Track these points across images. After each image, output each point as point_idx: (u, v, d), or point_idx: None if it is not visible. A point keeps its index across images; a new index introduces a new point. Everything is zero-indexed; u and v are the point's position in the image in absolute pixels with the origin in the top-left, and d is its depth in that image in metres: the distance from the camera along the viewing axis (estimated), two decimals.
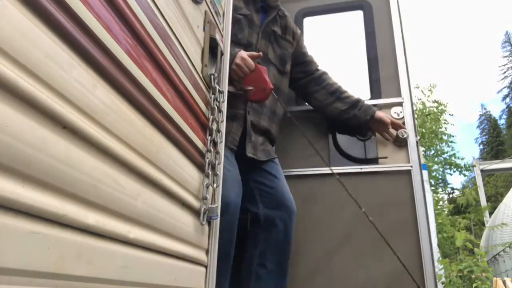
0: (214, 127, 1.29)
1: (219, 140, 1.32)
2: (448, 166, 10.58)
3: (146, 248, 0.85)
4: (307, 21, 2.33)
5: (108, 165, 0.72)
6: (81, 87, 0.65)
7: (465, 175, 10.83)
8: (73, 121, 0.62)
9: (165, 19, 1.00)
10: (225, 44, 1.48)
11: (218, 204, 1.28)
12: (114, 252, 0.74)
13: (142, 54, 0.87)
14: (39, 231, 0.55)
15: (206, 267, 1.20)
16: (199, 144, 1.20)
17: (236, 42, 1.72)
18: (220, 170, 1.30)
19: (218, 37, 1.40)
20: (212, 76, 1.32)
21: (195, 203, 1.14)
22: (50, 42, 0.59)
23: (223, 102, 1.37)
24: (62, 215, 0.59)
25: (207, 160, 1.23)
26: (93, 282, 0.67)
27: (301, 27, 2.28)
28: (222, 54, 1.44)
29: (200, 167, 1.20)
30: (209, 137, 1.27)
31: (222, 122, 1.35)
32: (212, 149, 1.26)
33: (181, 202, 1.05)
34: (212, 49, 1.36)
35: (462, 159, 10.53)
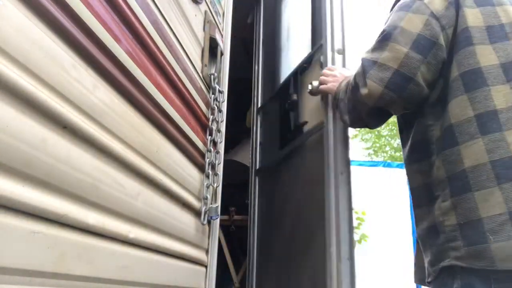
0: (214, 127, 1.29)
1: (219, 140, 1.32)
2: None
3: (146, 248, 0.85)
4: None
5: (108, 165, 0.72)
6: (81, 87, 0.65)
7: None
8: (73, 121, 0.62)
9: (165, 19, 1.00)
10: (225, 44, 1.48)
11: (218, 204, 1.28)
12: (114, 252, 0.74)
13: (142, 54, 0.87)
14: (39, 231, 0.55)
15: (206, 267, 1.20)
16: (199, 144, 1.20)
17: None
18: (220, 170, 1.30)
19: (218, 37, 1.40)
20: (212, 76, 1.32)
21: (195, 203, 1.14)
22: (50, 42, 0.59)
23: (223, 102, 1.37)
24: (62, 215, 0.59)
25: (207, 160, 1.23)
26: (93, 282, 0.67)
27: None
28: (222, 54, 1.44)
29: (200, 167, 1.20)
30: (209, 137, 1.27)
31: (222, 122, 1.35)
32: (212, 149, 1.26)
33: (181, 202, 1.05)
34: (212, 49, 1.36)
35: None
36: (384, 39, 0.96)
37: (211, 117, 1.29)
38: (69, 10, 0.62)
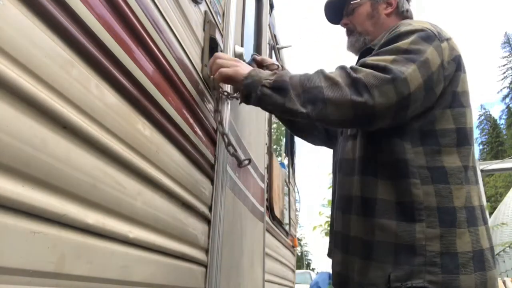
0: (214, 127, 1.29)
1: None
2: None
3: (146, 248, 0.85)
4: None
5: (108, 165, 0.72)
6: (81, 87, 0.65)
7: None
8: (73, 121, 0.62)
9: (165, 19, 1.00)
10: (225, 44, 1.48)
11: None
12: (114, 252, 0.74)
13: (142, 54, 0.87)
14: (39, 231, 0.55)
15: (206, 266, 1.20)
16: (199, 144, 1.20)
17: None
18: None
19: (218, 37, 1.40)
20: (212, 76, 1.32)
21: (195, 203, 1.14)
22: (50, 42, 0.59)
23: None
24: (62, 215, 0.59)
25: None
26: (93, 282, 0.67)
27: None
28: None
29: (200, 167, 1.20)
30: None
31: None
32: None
33: (181, 202, 1.05)
34: (212, 49, 1.36)
35: None
36: (410, 59, 0.98)
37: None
38: (69, 10, 0.62)
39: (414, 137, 1.03)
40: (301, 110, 0.98)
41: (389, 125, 1.02)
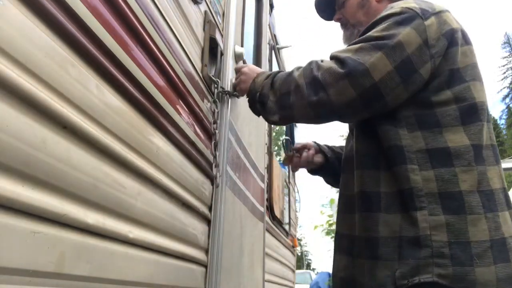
0: (215, 126, 1.29)
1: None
2: None
3: (146, 248, 0.85)
4: None
5: (108, 165, 0.72)
6: (81, 87, 0.65)
7: None
8: (73, 121, 0.62)
9: (165, 19, 1.00)
10: (225, 44, 1.48)
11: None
12: (114, 252, 0.74)
13: (142, 54, 0.87)
14: (39, 230, 0.55)
15: (206, 266, 1.20)
16: (199, 143, 1.20)
17: None
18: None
19: (218, 37, 1.40)
20: (212, 76, 1.32)
21: (195, 203, 1.14)
22: (50, 42, 0.59)
23: None
24: (62, 215, 0.59)
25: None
26: (93, 282, 0.67)
27: None
28: (222, 54, 1.44)
29: (200, 167, 1.20)
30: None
31: None
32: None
33: (181, 202, 1.05)
34: (212, 49, 1.36)
35: None
36: (377, 46, 0.93)
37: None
38: (69, 10, 0.62)
39: (409, 122, 0.96)
40: (274, 118, 1.07)
41: (374, 115, 0.98)
